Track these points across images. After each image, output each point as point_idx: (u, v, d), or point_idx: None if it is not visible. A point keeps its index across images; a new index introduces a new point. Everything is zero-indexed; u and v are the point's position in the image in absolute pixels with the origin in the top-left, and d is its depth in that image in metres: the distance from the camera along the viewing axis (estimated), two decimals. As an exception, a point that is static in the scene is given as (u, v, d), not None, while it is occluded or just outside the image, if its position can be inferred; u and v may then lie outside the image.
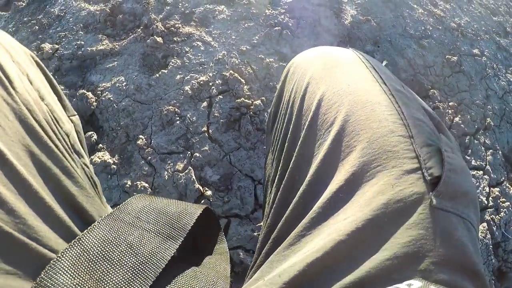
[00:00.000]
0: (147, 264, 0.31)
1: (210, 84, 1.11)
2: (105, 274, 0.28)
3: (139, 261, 0.31)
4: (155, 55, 1.19)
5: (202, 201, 1.01)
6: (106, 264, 0.29)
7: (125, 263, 0.30)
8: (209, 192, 1.01)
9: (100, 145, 1.09)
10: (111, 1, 1.34)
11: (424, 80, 1.39)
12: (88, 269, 0.28)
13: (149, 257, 0.31)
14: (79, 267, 0.28)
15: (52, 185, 0.33)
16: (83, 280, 0.27)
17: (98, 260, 0.29)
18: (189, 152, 1.05)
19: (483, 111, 1.50)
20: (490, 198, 1.32)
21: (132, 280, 0.29)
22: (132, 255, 0.31)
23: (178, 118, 1.07)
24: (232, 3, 1.26)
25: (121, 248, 0.31)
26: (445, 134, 0.40)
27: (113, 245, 0.31)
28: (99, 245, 0.30)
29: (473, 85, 1.53)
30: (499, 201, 1.34)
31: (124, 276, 0.29)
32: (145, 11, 1.28)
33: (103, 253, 0.30)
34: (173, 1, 1.29)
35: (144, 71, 1.17)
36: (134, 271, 0.30)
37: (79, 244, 0.29)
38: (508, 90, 1.67)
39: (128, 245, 0.31)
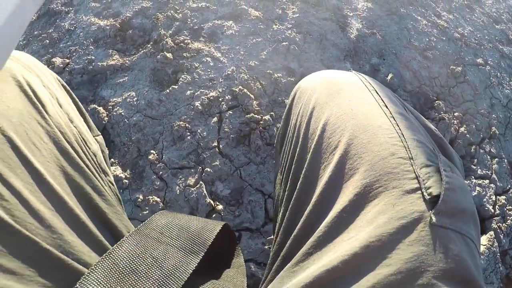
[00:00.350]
0: (171, 277, 0.33)
1: (220, 99, 1.13)
2: (134, 286, 0.31)
3: (164, 274, 0.33)
4: (165, 70, 1.21)
5: (214, 216, 1.02)
6: (134, 276, 0.31)
7: (151, 276, 0.32)
8: (220, 207, 1.03)
9: (112, 160, 1.11)
10: (121, 16, 1.37)
11: (429, 91, 1.41)
12: (118, 281, 0.30)
13: (173, 270, 0.33)
14: (110, 278, 0.30)
15: (84, 203, 0.36)
16: None
17: (127, 272, 0.31)
18: (200, 167, 1.07)
19: (488, 120, 1.51)
20: (497, 207, 1.33)
21: None
22: (157, 269, 0.33)
23: (188, 133, 1.09)
24: (240, 19, 1.28)
25: (147, 262, 0.33)
26: (447, 151, 0.42)
27: (140, 259, 0.33)
28: (128, 259, 0.32)
29: (478, 95, 1.55)
30: (505, 209, 1.35)
31: None
32: (155, 26, 1.31)
33: (131, 266, 0.32)
34: (182, 16, 1.31)
35: (155, 86, 1.19)
36: (160, 283, 0.32)
37: (110, 257, 0.31)
38: (512, 98, 1.69)
39: (154, 259, 0.34)
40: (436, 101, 1.41)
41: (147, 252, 0.34)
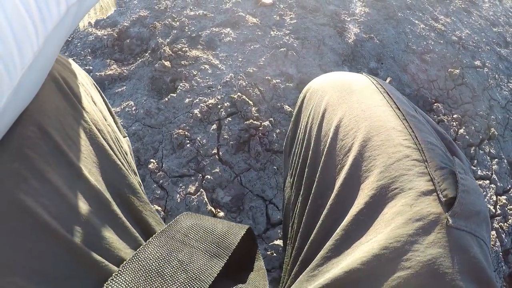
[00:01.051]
0: (196, 281, 0.32)
1: (219, 106, 1.13)
2: None
3: (189, 277, 0.32)
4: (163, 79, 1.21)
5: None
6: (160, 279, 0.31)
7: (177, 279, 0.32)
8: (221, 214, 1.03)
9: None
10: (118, 25, 1.37)
11: (428, 94, 1.41)
12: (145, 283, 0.30)
13: (198, 274, 0.33)
14: (137, 281, 0.29)
15: (119, 200, 0.35)
16: None
17: (153, 275, 0.31)
18: (200, 175, 1.06)
19: (486, 121, 1.51)
20: (498, 206, 1.33)
21: None
22: (182, 272, 0.32)
23: (188, 141, 1.09)
24: (237, 26, 1.29)
25: (172, 264, 0.33)
26: (457, 154, 0.42)
27: (166, 261, 0.32)
28: (154, 261, 0.32)
29: (476, 97, 1.55)
30: (506, 208, 1.35)
31: None
32: (152, 35, 1.31)
33: (158, 268, 0.31)
34: (179, 24, 1.31)
35: (153, 95, 1.19)
36: (185, 286, 0.31)
37: (136, 259, 0.31)
38: (511, 99, 1.69)
39: (179, 262, 0.33)
40: (435, 104, 1.41)
41: (172, 255, 0.33)
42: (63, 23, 0.30)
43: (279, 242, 1.03)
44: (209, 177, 1.05)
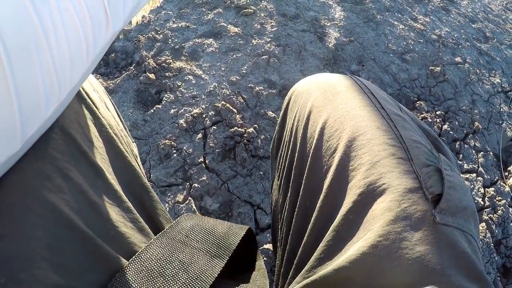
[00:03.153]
0: (197, 281, 0.33)
1: (204, 116, 1.15)
2: None
3: (190, 277, 0.33)
4: (148, 91, 1.23)
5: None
6: (162, 279, 0.32)
7: (178, 279, 0.32)
8: (210, 221, 1.04)
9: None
10: (103, 41, 1.39)
11: (410, 93, 1.44)
12: (147, 283, 0.31)
13: (199, 274, 0.34)
14: (139, 281, 0.30)
15: (133, 198, 0.37)
16: None
17: (155, 275, 0.32)
18: (188, 183, 1.08)
19: (470, 116, 1.54)
20: (486, 198, 1.35)
21: None
22: (184, 272, 0.33)
23: (175, 151, 1.11)
24: (219, 36, 1.31)
25: (174, 265, 0.33)
26: (443, 150, 0.43)
27: (167, 261, 0.33)
28: (156, 262, 0.33)
29: (458, 92, 1.58)
30: (495, 199, 1.37)
31: None
32: (136, 48, 1.34)
33: (159, 269, 0.32)
34: (163, 37, 1.34)
35: (139, 107, 1.21)
36: (186, 286, 0.32)
37: (139, 259, 0.32)
38: (493, 92, 1.73)
39: (180, 262, 0.34)
40: (418, 102, 1.44)
41: (174, 255, 0.34)
42: (107, 46, 0.33)
43: (268, 246, 1.05)
44: (196, 185, 1.07)
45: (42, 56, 0.25)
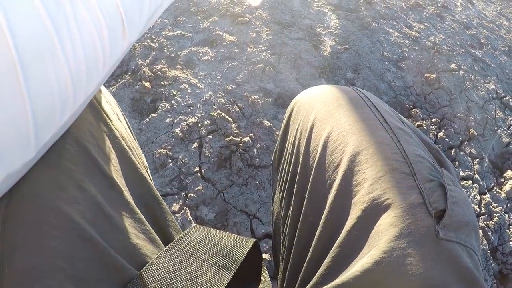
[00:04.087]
0: None
1: (199, 125, 1.15)
2: None
3: None
4: (144, 100, 1.23)
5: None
6: None
7: None
8: (205, 231, 1.04)
9: (96, 192, 1.12)
10: (99, 49, 1.39)
11: (405, 101, 1.45)
12: None
13: (207, 286, 0.34)
14: None
15: (144, 210, 0.38)
16: None
17: (164, 286, 0.32)
18: (184, 193, 1.08)
19: (465, 122, 1.55)
20: (482, 205, 1.35)
21: None
22: (192, 284, 0.33)
23: (170, 160, 1.11)
24: (215, 44, 1.32)
25: (183, 276, 0.34)
26: (445, 164, 0.43)
27: (176, 273, 0.34)
28: (165, 273, 0.33)
29: (454, 99, 1.59)
30: (491, 206, 1.37)
31: None
32: (132, 56, 1.33)
33: (168, 280, 0.32)
34: (158, 45, 1.34)
35: (135, 116, 1.21)
36: None
37: (148, 271, 0.32)
38: (488, 99, 1.74)
39: (189, 274, 0.34)
40: (413, 109, 1.44)
41: (182, 267, 0.34)
42: (122, 56, 0.33)
43: (265, 256, 1.05)
44: (192, 195, 1.07)
45: (57, 65, 0.26)
